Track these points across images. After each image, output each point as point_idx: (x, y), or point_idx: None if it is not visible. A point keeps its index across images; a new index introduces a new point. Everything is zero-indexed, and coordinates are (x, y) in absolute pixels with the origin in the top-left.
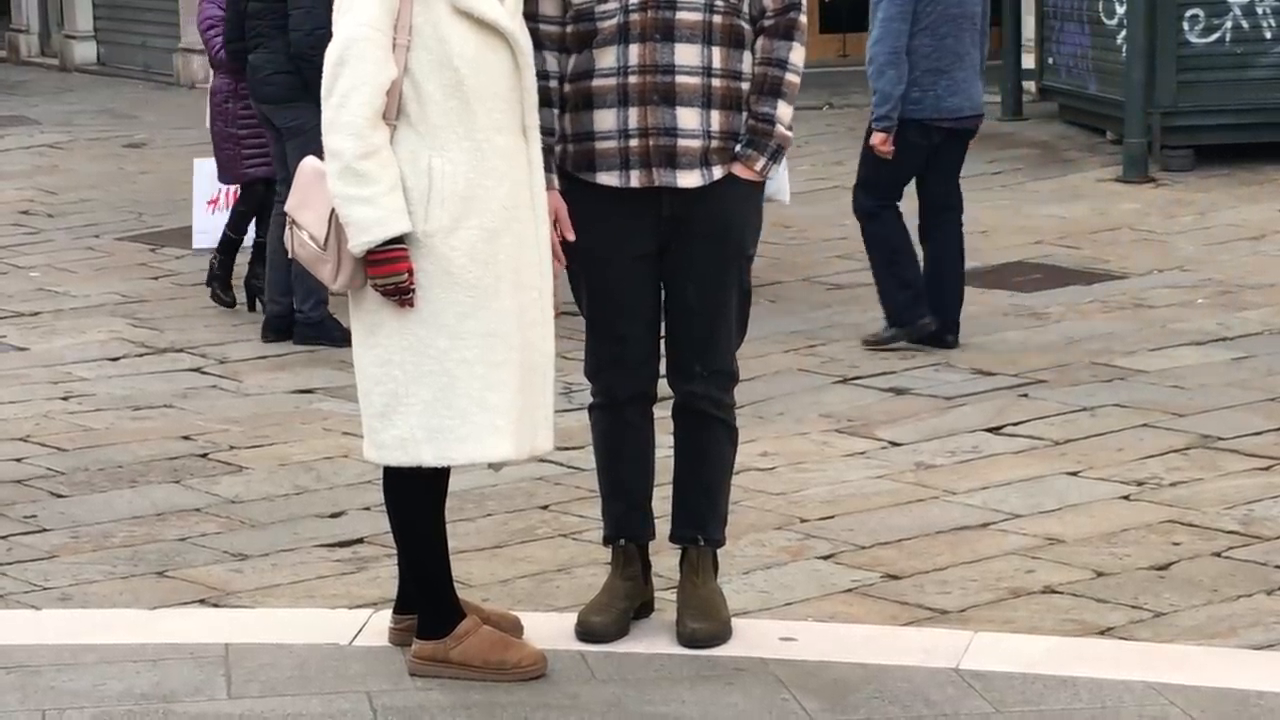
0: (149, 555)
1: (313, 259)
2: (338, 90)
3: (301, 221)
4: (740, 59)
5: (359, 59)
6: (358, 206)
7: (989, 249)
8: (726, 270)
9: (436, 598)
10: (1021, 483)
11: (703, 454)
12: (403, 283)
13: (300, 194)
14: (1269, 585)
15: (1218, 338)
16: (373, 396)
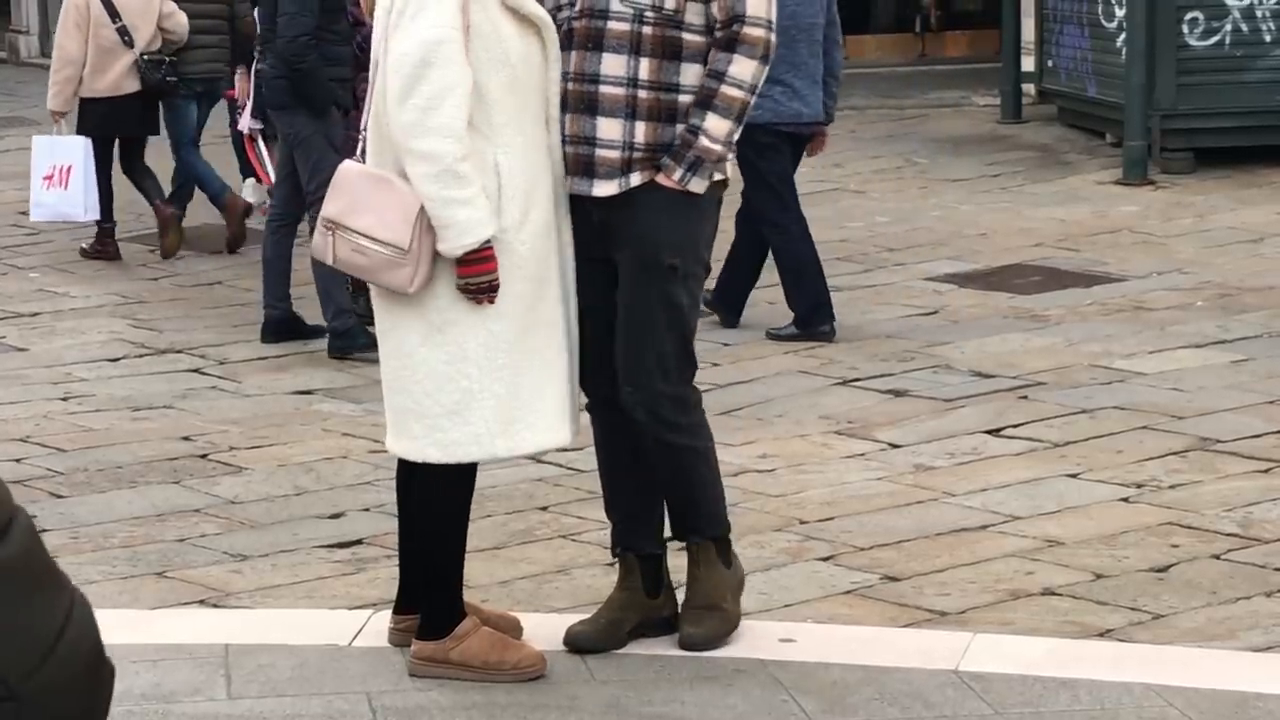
0: (148, 556)
1: (377, 264)
2: (423, 93)
3: (357, 226)
4: (677, 71)
5: (447, 61)
6: (459, 209)
7: (989, 251)
8: (647, 282)
9: (446, 598)
10: (1021, 484)
11: (654, 468)
12: (494, 280)
13: (346, 198)
14: (1268, 587)
15: (1217, 340)
16: (441, 395)
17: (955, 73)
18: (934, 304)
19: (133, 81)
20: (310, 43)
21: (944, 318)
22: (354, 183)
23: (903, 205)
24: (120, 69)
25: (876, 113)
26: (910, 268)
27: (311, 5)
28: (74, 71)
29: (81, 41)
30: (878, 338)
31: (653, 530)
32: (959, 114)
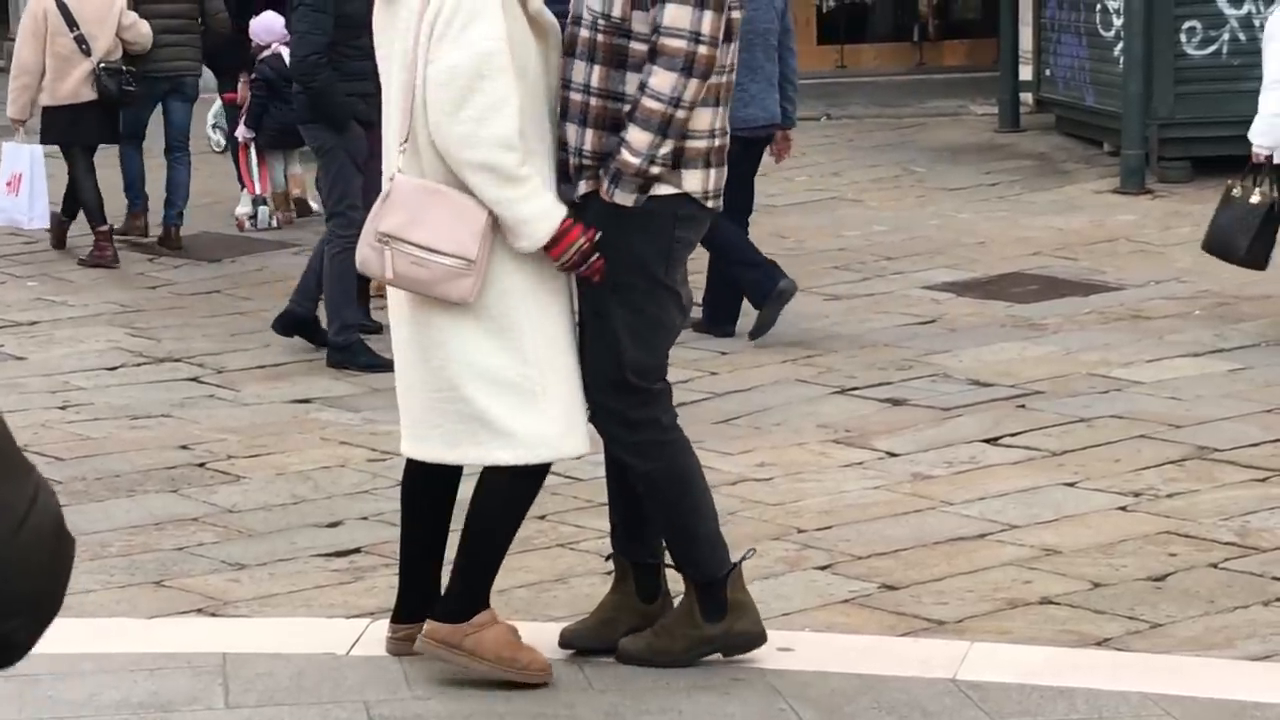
0: (146, 565)
1: (439, 276)
2: (476, 104)
3: (417, 240)
4: (622, 80)
5: (499, 72)
6: (528, 203)
7: (986, 260)
8: (583, 293)
9: (479, 586)
10: (1018, 493)
11: (632, 485)
12: (584, 246)
13: (405, 212)
14: (1266, 596)
15: (1214, 349)
16: (506, 398)
17: (953, 82)
18: (932, 312)
19: (90, 90)
20: (321, 61)
21: (942, 326)
22: (411, 196)
23: (900, 214)
24: (78, 77)
25: (874, 121)
26: (908, 276)
27: (324, 24)
28: (30, 80)
29: (38, 50)
30: (875, 346)
31: (646, 540)
32: (957, 123)
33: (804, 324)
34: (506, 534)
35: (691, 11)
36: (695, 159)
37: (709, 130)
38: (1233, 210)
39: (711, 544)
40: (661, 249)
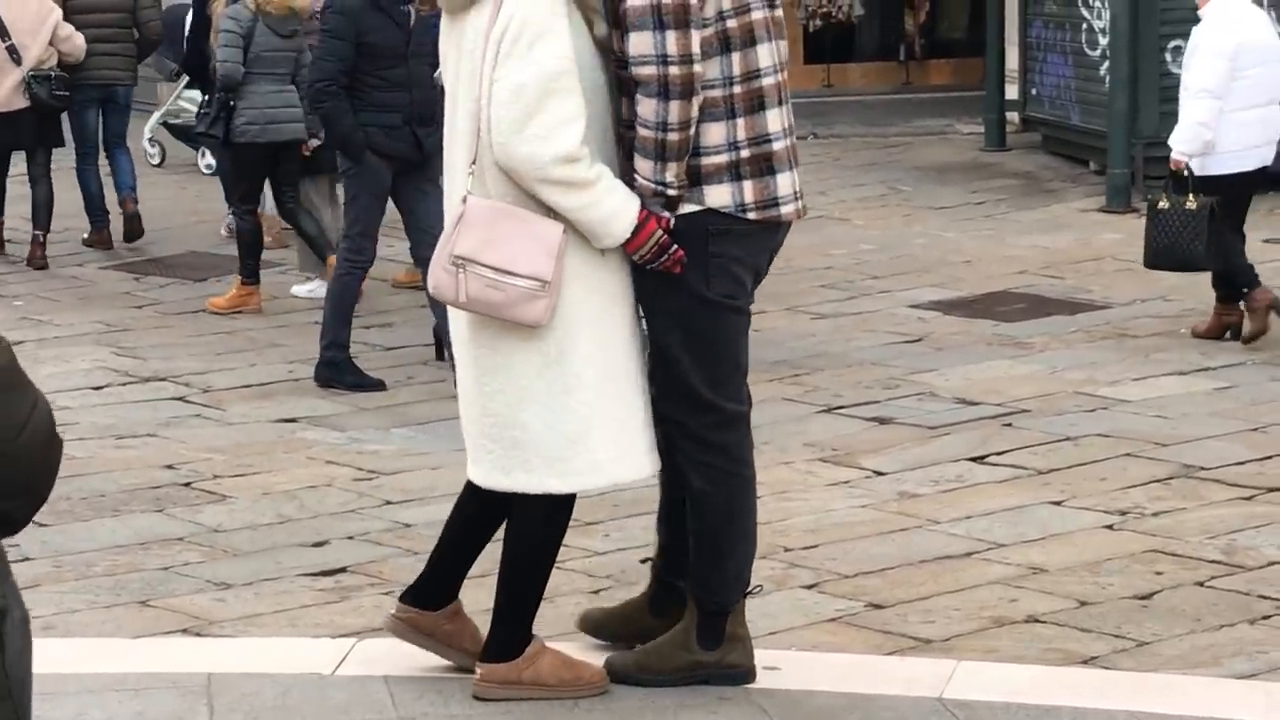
0: (131, 584)
1: (514, 298)
2: (543, 122)
3: (492, 262)
4: (631, 109)
5: (567, 92)
6: (603, 202)
7: (973, 279)
8: (651, 317)
9: (522, 622)
10: (1005, 512)
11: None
12: (662, 239)
13: (479, 234)
14: (1252, 615)
15: (1200, 368)
16: (561, 425)
17: (939, 101)
18: (918, 331)
19: (22, 98)
20: (329, 88)
21: (928, 345)
22: (485, 218)
23: (887, 232)
24: (9, 86)
25: (861, 140)
26: (894, 295)
27: (339, 51)
28: None
29: None
30: (862, 365)
31: (669, 556)
32: (943, 142)
33: (790, 343)
34: (547, 562)
35: (652, 36)
36: (717, 173)
37: (727, 143)
38: (1171, 220)
39: (734, 579)
40: (698, 265)
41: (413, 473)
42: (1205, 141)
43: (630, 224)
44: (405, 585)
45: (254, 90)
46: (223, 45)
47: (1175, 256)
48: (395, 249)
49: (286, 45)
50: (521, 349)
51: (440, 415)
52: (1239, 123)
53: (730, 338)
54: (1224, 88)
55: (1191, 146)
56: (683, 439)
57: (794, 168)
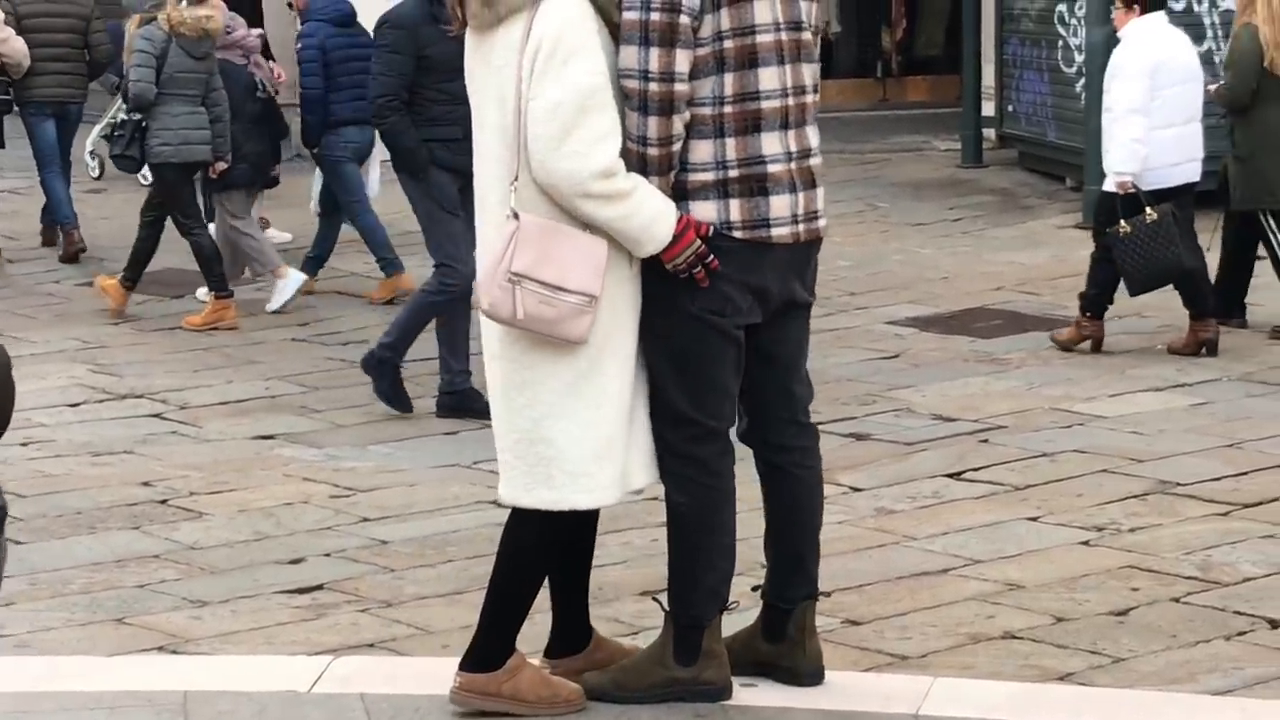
0: (107, 602)
1: (565, 314)
2: (581, 138)
3: (546, 278)
4: None
5: (603, 107)
6: (641, 210)
7: (950, 295)
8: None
9: (507, 634)
10: (982, 528)
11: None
12: (700, 248)
13: (533, 251)
14: (1227, 631)
15: (1176, 384)
16: (587, 442)
17: (916, 118)
18: (895, 348)
19: None
20: (392, 104)
21: (905, 361)
22: (538, 235)
23: (864, 249)
24: None
25: (838, 157)
26: (872, 311)
27: (399, 65)
28: None
29: None
30: (839, 381)
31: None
32: (920, 159)
33: None
34: (539, 576)
35: (638, 51)
36: (703, 190)
37: (715, 161)
38: (1137, 241)
39: (707, 595)
40: (684, 281)
41: (390, 490)
42: (1142, 157)
43: (671, 225)
44: (381, 601)
45: (166, 111)
46: (135, 65)
47: (1157, 270)
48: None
49: (199, 66)
50: (553, 364)
51: (418, 432)
52: (1162, 140)
53: (712, 355)
54: (1147, 106)
55: (1130, 165)
56: (662, 451)
57: (799, 190)
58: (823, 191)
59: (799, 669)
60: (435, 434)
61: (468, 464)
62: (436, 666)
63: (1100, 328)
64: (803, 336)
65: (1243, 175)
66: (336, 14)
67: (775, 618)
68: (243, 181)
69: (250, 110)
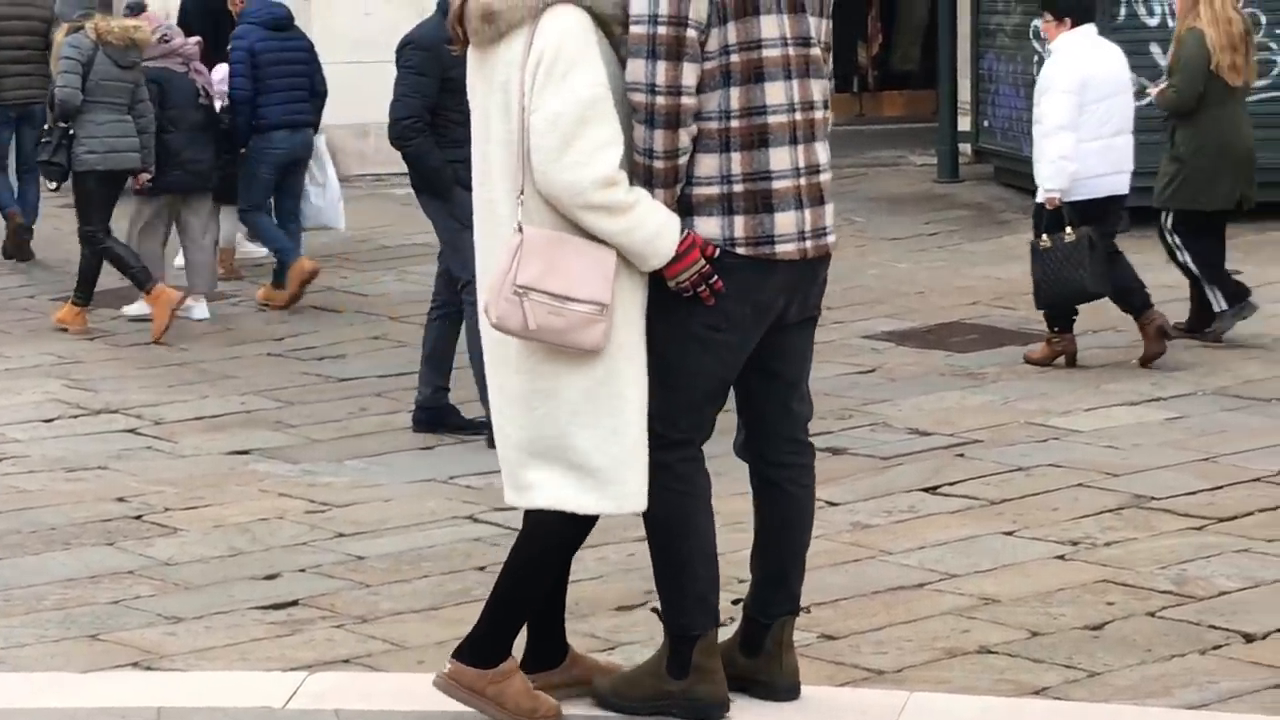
0: (81, 618)
1: (575, 324)
2: (581, 149)
3: (553, 289)
4: None
5: (606, 117)
6: (645, 224)
7: (925, 309)
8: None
9: (509, 632)
10: (957, 542)
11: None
12: (704, 268)
13: (538, 263)
14: (1202, 645)
15: (1151, 398)
16: (610, 448)
17: (892, 132)
18: (872, 362)
19: None
20: (416, 125)
21: (881, 376)
22: (543, 246)
23: (840, 264)
24: None
25: None
26: (848, 326)
27: (423, 87)
28: None
29: None
30: (815, 395)
31: (758, 591)
32: (896, 173)
33: None
34: (545, 579)
35: (645, 64)
36: (707, 204)
37: (720, 175)
38: (1054, 258)
39: (694, 603)
40: (688, 297)
41: (365, 505)
42: (1070, 174)
43: (675, 240)
44: (356, 617)
45: (92, 119)
46: (62, 72)
47: (1062, 290)
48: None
49: (125, 76)
50: (570, 373)
51: (394, 447)
52: (1088, 153)
53: (697, 371)
54: (1075, 121)
55: (1058, 182)
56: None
57: (806, 206)
58: (832, 207)
59: (775, 684)
60: (411, 449)
61: (444, 479)
62: (412, 683)
63: (1072, 341)
64: (806, 353)
65: (1176, 176)
66: (269, 17)
67: (754, 631)
68: (178, 187)
69: (192, 118)
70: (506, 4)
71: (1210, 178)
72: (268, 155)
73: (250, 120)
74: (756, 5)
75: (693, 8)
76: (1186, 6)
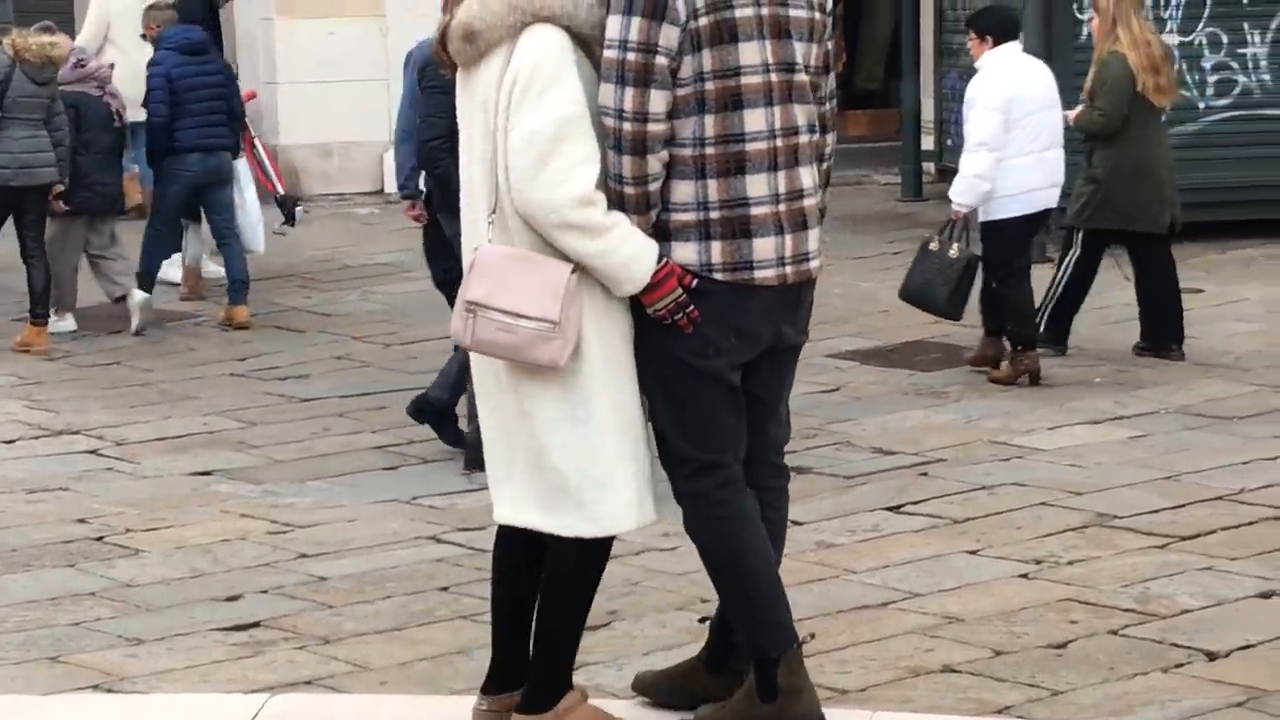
0: (42, 640)
1: (526, 340)
2: (557, 167)
3: (503, 305)
4: None
5: (581, 136)
6: (621, 249)
7: (889, 328)
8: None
9: (559, 669)
10: (921, 561)
11: None
12: (680, 298)
13: (490, 280)
14: (1165, 663)
15: (1114, 416)
16: (591, 469)
17: (856, 151)
18: (835, 381)
19: None
20: (445, 145)
21: (845, 395)
22: (496, 263)
23: None
24: None
25: None
26: (812, 345)
27: (450, 106)
28: None
29: None
30: None
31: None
32: (860, 192)
33: None
34: (580, 611)
35: (614, 89)
36: (684, 230)
37: (696, 202)
38: (932, 262)
39: (763, 624)
40: (667, 325)
41: (328, 525)
42: (982, 193)
43: (650, 267)
44: (319, 638)
45: (7, 134)
46: None
47: (922, 297)
48: (310, 301)
49: (41, 92)
50: (546, 393)
51: (356, 467)
52: (1018, 168)
53: (703, 393)
54: (999, 139)
55: (968, 198)
56: (675, 492)
57: (787, 232)
58: (817, 232)
59: None
60: (374, 469)
61: (407, 500)
62: (374, 704)
63: (1034, 359)
64: (787, 378)
65: (1094, 195)
66: (185, 42)
67: (719, 650)
68: (87, 209)
69: (104, 142)
70: (486, 23)
71: (1136, 198)
72: (180, 177)
73: (167, 144)
74: (734, 33)
75: (663, 35)
76: (1105, 30)
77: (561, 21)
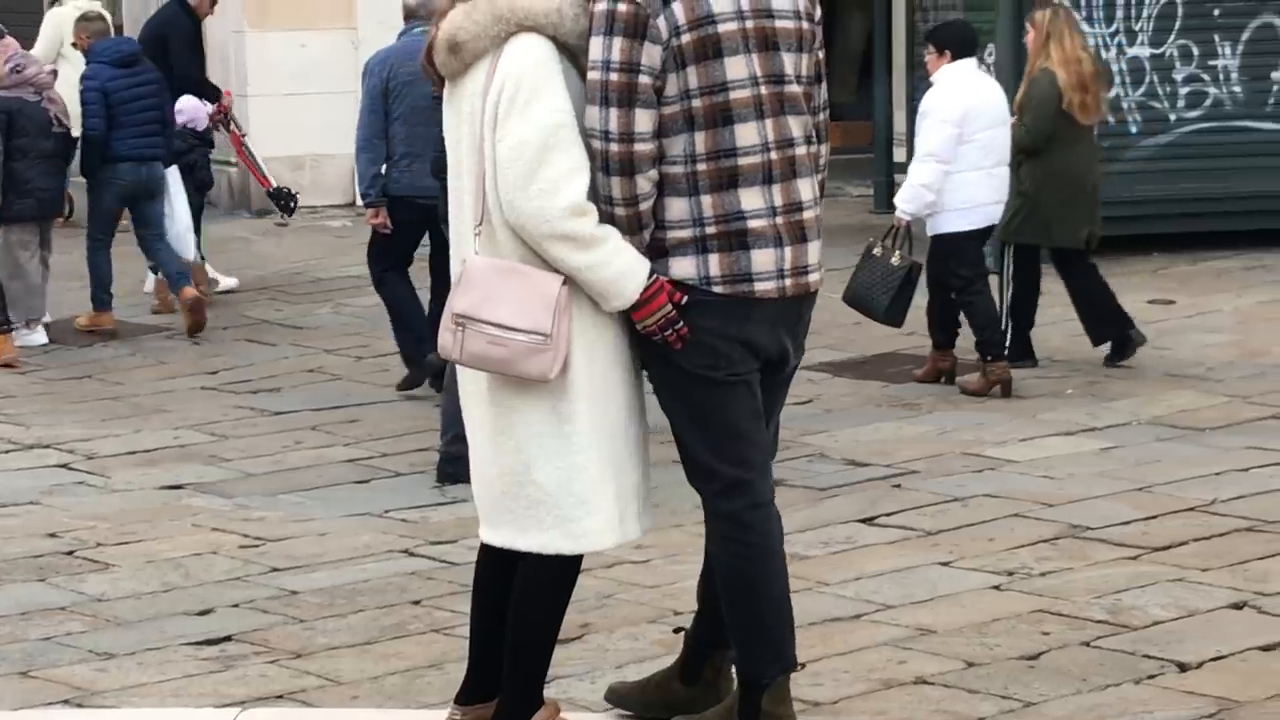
0: (12, 655)
1: (517, 354)
2: (547, 176)
3: (493, 318)
4: None
5: (570, 144)
6: (611, 263)
7: (862, 340)
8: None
9: (531, 684)
10: (894, 573)
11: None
12: (670, 313)
13: (478, 292)
14: (1137, 674)
15: (1086, 428)
16: (573, 485)
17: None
18: (808, 393)
19: None
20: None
21: (818, 406)
22: (485, 276)
23: None
24: None
25: None
26: None
27: None
28: None
29: None
30: None
31: (702, 620)
32: (832, 204)
33: None
34: (552, 625)
35: (599, 110)
36: (681, 246)
37: (691, 219)
38: (874, 269)
39: (763, 652)
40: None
41: (300, 539)
42: (927, 203)
43: (640, 284)
44: (291, 652)
45: None
46: None
47: (863, 301)
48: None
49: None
50: (531, 407)
51: (328, 481)
52: (968, 182)
53: (716, 405)
54: (949, 152)
55: (913, 207)
56: (703, 503)
57: (786, 244)
58: (818, 244)
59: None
60: (346, 483)
61: (379, 513)
62: (346, 718)
63: (1005, 369)
64: (780, 397)
65: (1023, 211)
66: (117, 55)
67: (693, 660)
68: (27, 216)
69: (43, 147)
70: (471, 34)
71: (1059, 213)
72: (113, 186)
73: (101, 156)
74: (719, 48)
75: (645, 54)
76: (1038, 47)
77: (546, 31)
